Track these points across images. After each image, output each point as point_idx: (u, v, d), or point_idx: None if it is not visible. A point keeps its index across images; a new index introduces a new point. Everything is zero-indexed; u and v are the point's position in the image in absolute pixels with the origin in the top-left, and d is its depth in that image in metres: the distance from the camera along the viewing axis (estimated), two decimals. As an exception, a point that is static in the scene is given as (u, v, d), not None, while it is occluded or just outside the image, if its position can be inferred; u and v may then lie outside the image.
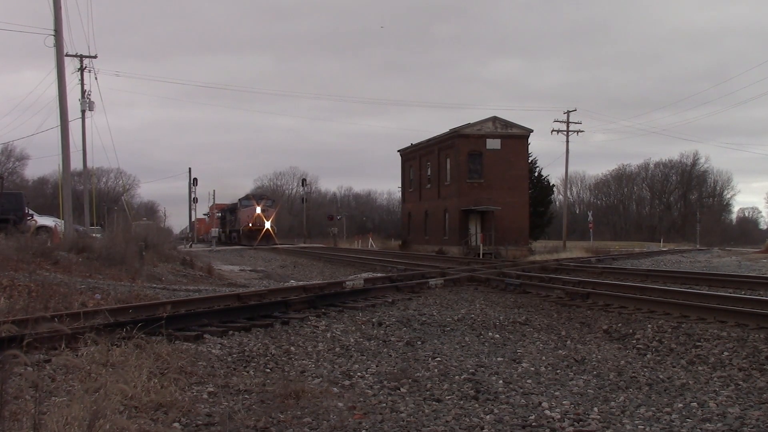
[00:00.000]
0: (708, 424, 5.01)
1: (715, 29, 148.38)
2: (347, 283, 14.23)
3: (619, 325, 9.27)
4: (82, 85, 38.22)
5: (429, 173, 56.11)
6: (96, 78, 48.81)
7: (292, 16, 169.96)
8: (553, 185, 66.02)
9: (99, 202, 66.14)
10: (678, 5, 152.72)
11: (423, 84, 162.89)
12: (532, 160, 56.00)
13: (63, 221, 27.83)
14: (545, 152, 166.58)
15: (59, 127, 25.31)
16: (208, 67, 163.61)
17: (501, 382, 6.41)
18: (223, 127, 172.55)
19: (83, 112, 38.43)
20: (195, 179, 64.28)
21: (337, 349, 7.88)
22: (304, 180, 76.63)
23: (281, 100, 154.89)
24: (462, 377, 6.56)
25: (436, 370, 6.83)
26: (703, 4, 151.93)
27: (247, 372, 6.72)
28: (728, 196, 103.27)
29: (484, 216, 47.96)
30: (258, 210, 55.67)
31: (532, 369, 6.97)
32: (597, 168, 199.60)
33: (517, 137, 49.37)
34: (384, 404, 5.62)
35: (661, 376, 6.56)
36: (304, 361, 7.25)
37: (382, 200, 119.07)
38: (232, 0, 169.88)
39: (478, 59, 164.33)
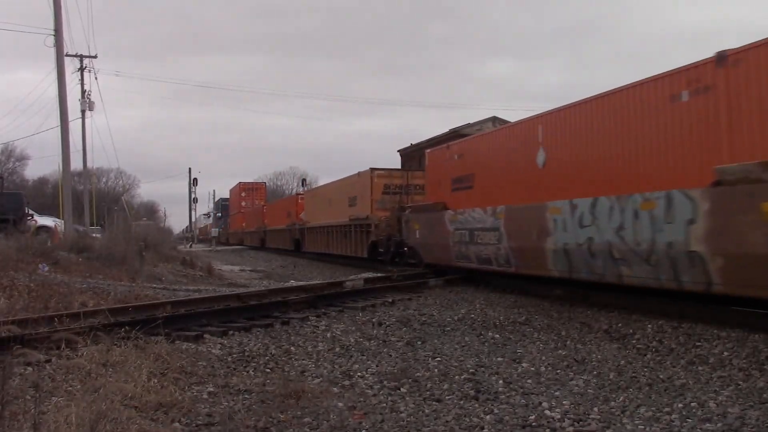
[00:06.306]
0: (708, 424, 5.00)
1: (712, 29, 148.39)
2: (347, 283, 14.23)
3: (619, 325, 9.27)
4: (82, 84, 38.27)
5: (429, 173, 55.91)
6: (96, 78, 48.96)
7: (289, 15, 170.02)
8: (553, 185, 65.83)
9: (99, 202, 66.11)
10: (675, 5, 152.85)
11: (420, 84, 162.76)
12: (532, 160, 55.93)
13: (63, 221, 27.84)
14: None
15: (59, 127, 25.37)
16: (206, 67, 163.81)
17: (501, 382, 6.40)
18: (221, 126, 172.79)
19: (83, 112, 38.48)
20: (195, 179, 64.28)
21: (337, 349, 7.89)
22: (304, 180, 76.36)
23: (278, 100, 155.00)
24: (462, 377, 6.56)
25: (436, 370, 6.83)
26: (701, 4, 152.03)
27: (247, 372, 6.73)
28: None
29: (484, 216, 47.90)
30: None
31: (532, 369, 6.96)
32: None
33: (517, 137, 49.31)
34: (384, 404, 5.62)
35: (661, 376, 6.56)
36: (304, 361, 7.26)
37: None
38: (230, 0, 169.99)
39: (474, 59, 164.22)
